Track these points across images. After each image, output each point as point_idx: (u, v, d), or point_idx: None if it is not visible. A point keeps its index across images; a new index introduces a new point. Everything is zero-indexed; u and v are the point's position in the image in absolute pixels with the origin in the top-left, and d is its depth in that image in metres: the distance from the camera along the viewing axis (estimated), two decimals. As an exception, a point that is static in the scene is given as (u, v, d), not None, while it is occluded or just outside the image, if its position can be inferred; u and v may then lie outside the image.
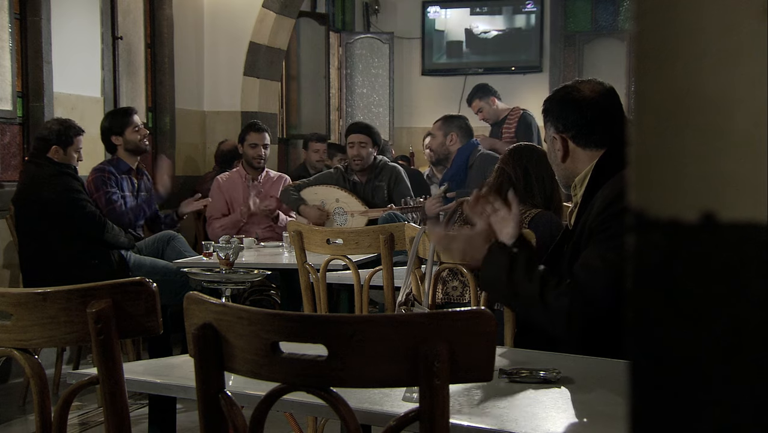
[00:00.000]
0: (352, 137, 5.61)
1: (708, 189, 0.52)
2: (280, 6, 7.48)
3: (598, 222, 2.12)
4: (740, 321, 0.51)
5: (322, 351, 1.28)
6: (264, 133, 5.88)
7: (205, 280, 2.38)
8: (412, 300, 2.50)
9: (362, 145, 5.56)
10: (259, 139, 5.86)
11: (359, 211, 5.49)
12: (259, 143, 5.85)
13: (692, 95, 0.52)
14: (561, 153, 2.33)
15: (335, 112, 10.40)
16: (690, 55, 0.52)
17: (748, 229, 0.51)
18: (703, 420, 0.52)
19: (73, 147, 4.75)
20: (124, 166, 5.17)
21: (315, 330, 1.30)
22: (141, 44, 6.72)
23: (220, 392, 1.39)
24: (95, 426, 4.28)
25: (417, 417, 1.27)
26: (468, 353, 1.25)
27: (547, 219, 3.24)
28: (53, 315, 1.58)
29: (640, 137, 0.55)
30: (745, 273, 0.51)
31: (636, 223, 0.54)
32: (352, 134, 5.63)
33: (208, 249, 4.32)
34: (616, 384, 1.72)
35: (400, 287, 2.65)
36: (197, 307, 1.40)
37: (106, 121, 5.26)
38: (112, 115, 5.32)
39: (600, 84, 2.34)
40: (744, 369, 0.51)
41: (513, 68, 10.80)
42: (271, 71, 7.75)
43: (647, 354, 0.54)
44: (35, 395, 1.65)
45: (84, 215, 4.67)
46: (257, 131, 5.88)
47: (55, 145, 4.70)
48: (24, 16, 5.49)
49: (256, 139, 5.86)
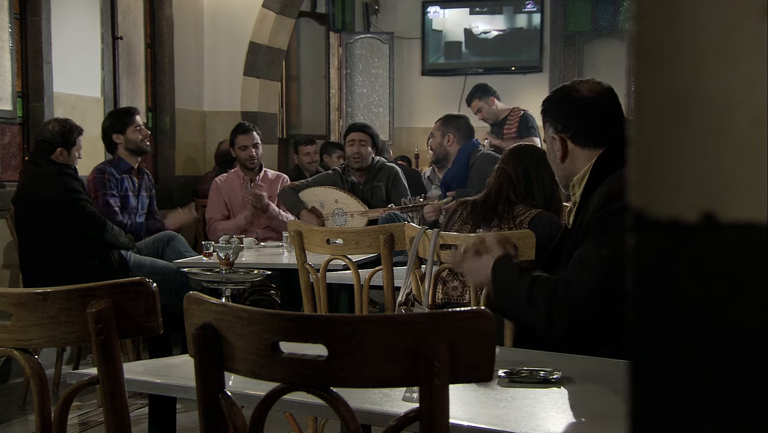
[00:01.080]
0: (352, 135, 5.61)
1: (708, 189, 0.52)
2: (280, 6, 7.48)
3: (594, 219, 2.13)
4: (740, 321, 0.51)
5: (322, 351, 1.28)
6: (252, 134, 5.86)
7: (205, 280, 2.38)
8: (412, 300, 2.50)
9: (362, 143, 5.56)
10: (247, 140, 5.85)
11: (359, 212, 5.49)
12: (248, 144, 5.84)
13: (692, 95, 0.53)
14: (560, 153, 2.33)
15: (335, 112, 10.40)
16: (690, 55, 0.52)
17: (748, 229, 0.51)
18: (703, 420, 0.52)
19: (76, 148, 4.76)
20: (125, 165, 5.17)
21: (315, 330, 1.30)
22: (141, 44, 6.72)
23: (220, 392, 1.39)
24: (95, 426, 4.28)
25: (417, 417, 1.27)
26: (468, 353, 1.25)
27: (546, 219, 3.24)
28: (53, 315, 1.58)
29: (640, 137, 0.55)
30: (745, 273, 0.51)
31: (636, 223, 0.54)
32: (352, 132, 5.64)
33: (208, 249, 4.32)
34: (616, 384, 1.72)
35: (400, 287, 2.65)
36: (197, 307, 1.40)
37: (108, 120, 5.26)
38: (115, 113, 5.33)
39: (598, 84, 2.34)
40: (744, 369, 0.51)
41: (513, 68, 10.80)
42: (271, 71, 7.74)
43: (647, 354, 0.54)
44: (35, 395, 1.65)
45: (84, 215, 4.67)
46: (244, 132, 5.86)
47: (60, 148, 4.69)
48: (24, 16, 5.49)
49: (245, 141, 5.85)
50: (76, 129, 4.78)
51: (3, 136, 5.35)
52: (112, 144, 5.17)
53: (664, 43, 0.53)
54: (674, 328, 0.53)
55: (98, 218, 4.74)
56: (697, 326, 0.52)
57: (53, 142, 4.70)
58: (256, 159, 5.87)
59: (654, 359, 0.54)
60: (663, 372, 0.54)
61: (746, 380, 0.51)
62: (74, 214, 4.65)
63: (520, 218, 3.26)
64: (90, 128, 5.85)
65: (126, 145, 5.14)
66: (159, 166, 6.91)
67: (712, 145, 0.52)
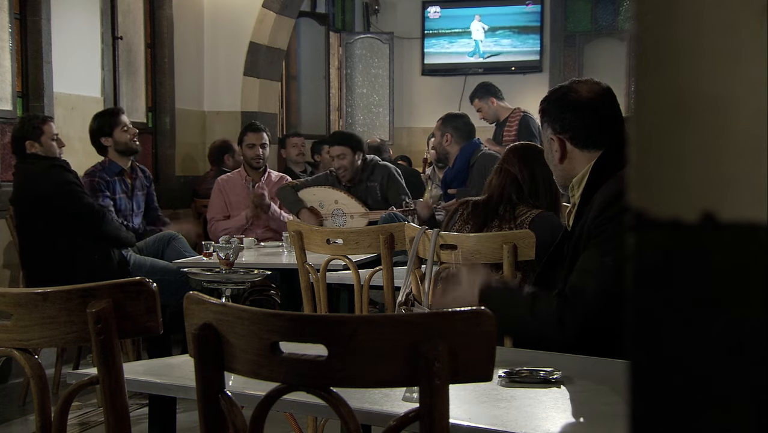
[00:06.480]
0: (334, 150, 5.59)
1: (708, 189, 0.52)
2: (280, 6, 7.48)
3: (595, 225, 2.13)
4: (740, 321, 0.51)
5: (322, 351, 1.28)
6: (261, 133, 5.88)
7: (205, 280, 2.37)
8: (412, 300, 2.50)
9: (341, 157, 5.52)
10: (256, 139, 5.86)
11: (358, 213, 5.48)
12: (256, 143, 5.85)
13: (692, 95, 0.52)
14: (558, 154, 2.32)
15: (335, 112, 10.41)
16: (690, 55, 0.52)
17: (748, 229, 0.51)
18: (703, 420, 0.52)
19: (45, 136, 4.67)
20: (116, 167, 5.09)
21: (315, 330, 1.30)
22: (141, 44, 6.72)
23: (220, 392, 1.39)
24: (95, 426, 4.28)
25: (417, 417, 1.27)
26: (468, 353, 1.25)
27: (547, 219, 3.24)
28: (53, 315, 1.58)
29: (640, 137, 0.55)
30: (745, 273, 0.51)
31: (636, 223, 0.54)
32: (333, 146, 5.62)
33: (208, 249, 4.31)
34: (616, 384, 1.72)
35: (400, 287, 2.65)
36: (197, 307, 1.40)
37: (94, 123, 5.14)
38: (100, 116, 5.19)
39: (597, 84, 2.34)
40: (744, 369, 0.51)
41: (513, 68, 10.81)
42: (271, 71, 7.75)
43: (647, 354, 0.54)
44: (35, 395, 1.65)
45: (81, 206, 4.62)
46: (254, 131, 5.89)
47: (28, 141, 4.67)
48: (24, 16, 5.49)
49: (254, 140, 5.86)
50: (37, 118, 4.75)
51: (3, 136, 5.35)
52: (101, 147, 5.10)
53: (664, 43, 0.53)
54: (674, 328, 0.53)
55: (96, 209, 4.68)
56: (697, 326, 0.52)
57: (18, 138, 4.69)
58: (262, 159, 5.88)
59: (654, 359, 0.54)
60: (663, 372, 0.54)
61: (746, 380, 0.51)
62: (71, 206, 4.59)
63: (521, 218, 3.26)
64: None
65: (115, 147, 5.06)
66: (159, 166, 6.91)
67: (712, 145, 0.52)
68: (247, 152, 5.88)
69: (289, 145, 7.51)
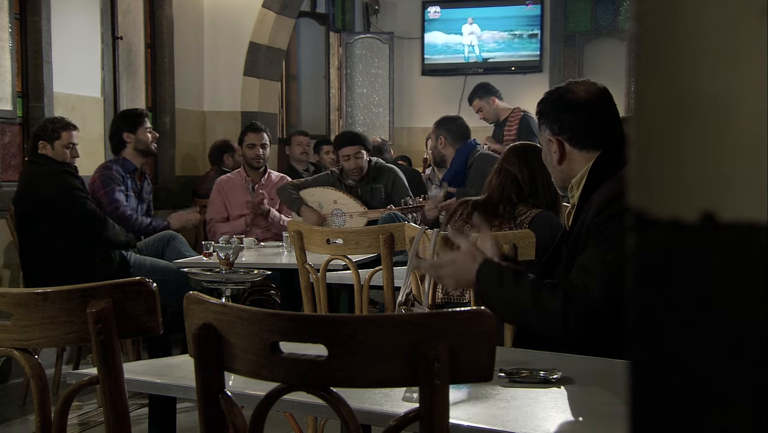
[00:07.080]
0: (346, 150, 5.51)
1: (708, 189, 0.52)
2: (280, 6, 7.48)
3: (594, 224, 2.12)
4: (740, 321, 0.51)
5: (322, 351, 1.28)
6: (262, 134, 5.88)
7: (205, 280, 2.37)
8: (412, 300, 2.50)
9: (357, 156, 5.51)
10: (256, 139, 5.86)
11: (358, 212, 5.48)
12: (256, 143, 5.85)
13: (692, 95, 0.52)
14: (557, 155, 2.32)
15: (335, 112, 10.41)
16: (690, 55, 0.52)
17: (748, 229, 0.51)
18: (703, 420, 0.52)
19: (60, 142, 4.72)
20: (130, 165, 5.18)
21: (315, 330, 1.30)
22: (141, 44, 6.72)
23: (220, 392, 1.39)
24: (95, 426, 4.28)
25: (417, 417, 1.27)
26: (468, 353, 1.25)
27: (547, 219, 3.24)
28: (53, 315, 1.58)
29: (640, 137, 0.55)
30: (745, 273, 0.51)
31: (636, 223, 0.54)
32: (345, 147, 5.53)
33: (208, 249, 4.32)
34: (616, 384, 1.72)
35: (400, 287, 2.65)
36: (197, 307, 1.40)
37: (119, 119, 5.29)
38: (127, 113, 5.36)
39: (594, 85, 2.34)
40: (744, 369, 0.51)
41: (513, 68, 10.81)
42: (271, 71, 7.75)
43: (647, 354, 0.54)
44: (35, 395, 1.65)
45: (84, 213, 4.67)
46: (255, 131, 5.89)
47: (41, 141, 4.70)
48: (24, 16, 5.49)
49: (254, 140, 5.87)
50: (61, 123, 4.77)
51: (3, 136, 5.35)
52: (120, 143, 5.18)
53: (664, 43, 0.53)
54: (674, 328, 0.53)
55: (98, 216, 4.74)
56: (697, 326, 0.52)
57: (34, 135, 4.76)
58: (263, 159, 5.88)
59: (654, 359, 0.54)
60: (663, 372, 0.54)
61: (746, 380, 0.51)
62: (73, 212, 4.64)
63: (521, 217, 3.26)
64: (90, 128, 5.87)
65: (135, 145, 5.16)
66: (159, 166, 6.91)
67: (712, 145, 0.52)
68: (248, 152, 5.88)
69: (294, 143, 7.51)
